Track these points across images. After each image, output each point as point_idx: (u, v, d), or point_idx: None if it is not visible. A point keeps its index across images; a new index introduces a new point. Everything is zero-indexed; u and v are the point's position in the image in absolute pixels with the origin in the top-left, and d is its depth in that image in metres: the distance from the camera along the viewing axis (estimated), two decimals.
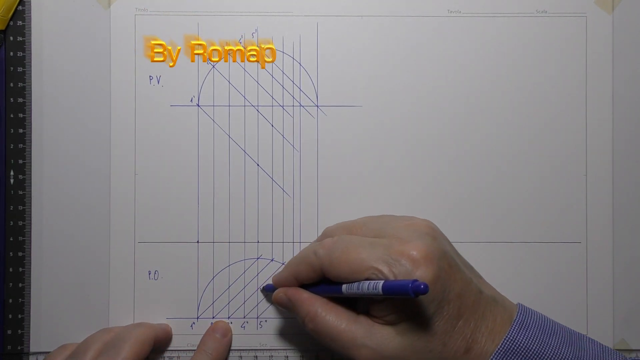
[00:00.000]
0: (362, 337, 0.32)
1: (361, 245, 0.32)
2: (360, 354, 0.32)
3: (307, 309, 0.34)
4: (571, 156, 0.39)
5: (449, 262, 0.32)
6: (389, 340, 0.31)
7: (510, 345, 0.31)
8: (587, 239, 0.39)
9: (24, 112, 0.39)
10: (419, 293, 0.28)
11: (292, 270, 0.36)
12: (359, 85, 0.39)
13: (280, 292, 0.36)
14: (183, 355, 0.39)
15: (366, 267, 0.31)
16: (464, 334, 0.31)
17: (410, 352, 0.31)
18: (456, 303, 0.31)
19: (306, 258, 0.34)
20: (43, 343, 0.39)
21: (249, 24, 0.39)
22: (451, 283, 0.31)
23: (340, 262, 0.32)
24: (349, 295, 0.32)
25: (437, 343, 0.31)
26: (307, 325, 0.34)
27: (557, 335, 0.32)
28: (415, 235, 0.32)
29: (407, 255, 0.31)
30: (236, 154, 0.39)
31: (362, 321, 0.32)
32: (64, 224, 0.39)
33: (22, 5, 0.39)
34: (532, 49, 0.39)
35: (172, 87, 0.39)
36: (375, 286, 0.30)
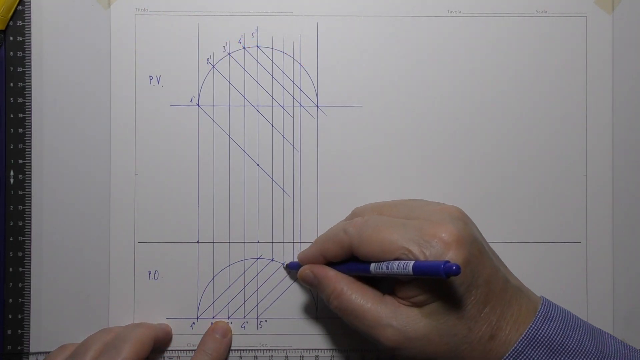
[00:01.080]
0: (388, 317, 0.32)
1: (393, 225, 0.32)
2: (384, 333, 0.32)
3: (333, 286, 0.34)
4: (571, 156, 0.39)
5: (479, 247, 0.32)
6: (414, 321, 0.31)
7: (534, 335, 0.31)
8: (587, 239, 0.39)
9: (24, 112, 0.39)
10: (450, 274, 0.28)
11: (319, 248, 0.35)
12: (359, 85, 0.39)
13: (307, 268, 0.36)
14: (183, 355, 0.39)
15: (397, 247, 0.31)
16: (489, 320, 0.31)
17: (435, 334, 0.31)
18: (484, 289, 0.31)
19: (335, 236, 0.34)
20: (43, 343, 0.39)
21: (249, 24, 0.39)
22: (480, 269, 0.31)
23: (371, 240, 0.32)
24: (376, 274, 0.32)
25: (462, 327, 0.31)
26: (332, 303, 0.34)
27: (580, 329, 0.32)
28: (448, 219, 0.32)
29: (438, 238, 0.30)
30: (236, 154, 0.39)
31: (388, 301, 0.32)
32: (64, 224, 0.39)
33: (22, 5, 0.39)
34: (532, 49, 0.39)
35: (172, 87, 0.39)
36: (405, 266, 0.30)
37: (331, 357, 0.39)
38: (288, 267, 0.39)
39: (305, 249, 0.37)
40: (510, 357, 0.31)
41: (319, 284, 0.35)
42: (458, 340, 0.31)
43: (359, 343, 0.39)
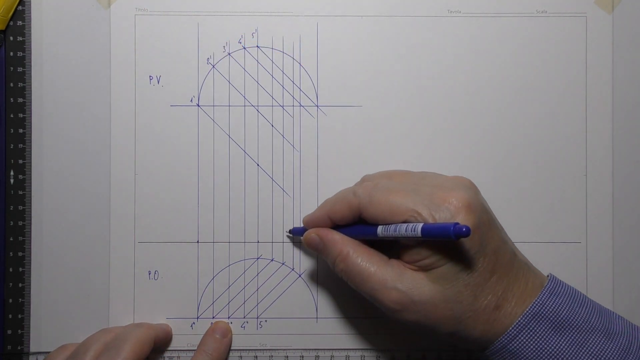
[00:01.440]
0: (393, 280, 0.32)
1: (403, 189, 0.32)
2: (389, 296, 0.32)
3: (339, 249, 0.34)
4: (571, 156, 0.39)
5: (488, 217, 0.32)
6: (420, 285, 0.31)
7: (539, 309, 0.31)
8: (587, 239, 0.39)
9: (24, 112, 0.39)
10: (460, 235, 0.28)
11: (327, 209, 0.35)
12: (359, 85, 0.39)
13: (312, 232, 0.35)
14: (183, 355, 0.39)
15: (406, 209, 0.31)
16: (495, 290, 0.31)
17: (441, 299, 0.31)
18: (492, 258, 0.31)
19: (344, 197, 0.34)
20: (43, 343, 0.39)
21: (249, 24, 0.39)
22: (489, 238, 0.31)
23: (380, 203, 0.32)
24: (384, 237, 0.32)
25: (468, 294, 0.31)
26: (338, 266, 0.34)
27: (587, 306, 0.32)
28: (459, 187, 0.32)
29: (449, 202, 0.30)
30: (236, 154, 0.39)
31: (394, 265, 0.32)
32: (64, 224, 0.39)
33: (22, 5, 0.39)
34: (532, 49, 0.39)
35: (172, 87, 0.39)
36: (414, 228, 0.30)
37: (331, 357, 0.39)
38: (291, 233, 0.39)
39: (312, 212, 0.37)
40: (515, 329, 0.31)
41: (324, 248, 0.35)
42: (463, 307, 0.31)
43: (359, 343, 0.39)
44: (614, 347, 0.31)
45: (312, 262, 0.39)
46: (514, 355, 0.31)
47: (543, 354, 0.31)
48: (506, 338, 0.31)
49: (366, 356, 0.39)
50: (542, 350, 0.31)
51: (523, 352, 0.31)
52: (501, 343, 0.31)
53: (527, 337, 0.31)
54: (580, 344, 0.31)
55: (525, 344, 0.31)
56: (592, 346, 0.31)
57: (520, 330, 0.31)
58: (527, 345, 0.31)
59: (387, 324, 0.39)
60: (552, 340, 0.31)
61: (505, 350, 0.31)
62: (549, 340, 0.31)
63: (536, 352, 0.31)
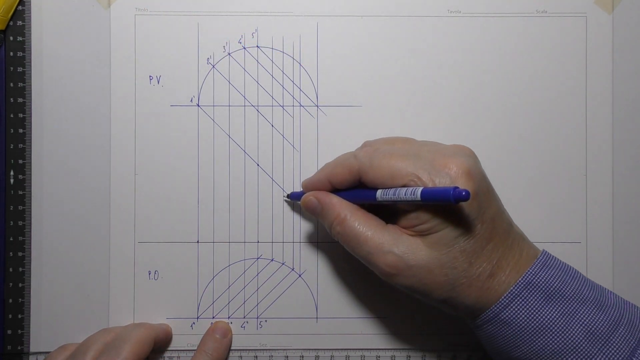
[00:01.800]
0: (389, 244, 0.32)
1: (404, 154, 0.32)
2: (385, 259, 0.32)
3: (337, 212, 0.34)
4: (571, 156, 0.39)
5: (487, 185, 0.32)
6: (416, 250, 0.31)
7: (532, 278, 0.31)
8: (587, 239, 0.39)
9: (24, 112, 0.39)
10: (460, 199, 0.28)
11: (327, 173, 0.35)
12: (358, 85, 0.39)
13: (310, 195, 0.35)
14: (183, 355, 0.39)
15: (406, 173, 0.31)
16: (490, 258, 0.31)
17: (436, 264, 0.31)
18: (489, 226, 0.31)
19: (345, 160, 0.34)
20: (43, 343, 0.39)
21: (249, 24, 0.39)
22: (487, 206, 0.31)
23: (381, 166, 0.32)
24: (382, 201, 0.32)
25: (463, 260, 0.31)
26: (335, 229, 0.34)
27: (579, 279, 0.32)
28: (460, 154, 0.32)
29: (449, 168, 0.31)
30: (236, 154, 0.39)
31: (391, 229, 0.32)
32: (64, 224, 0.39)
33: (22, 5, 0.39)
34: (532, 49, 0.39)
35: (172, 87, 0.39)
36: (413, 192, 0.30)
37: (331, 357, 0.39)
38: (290, 197, 0.39)
39: (311, 176, 0.37)
40: (507, 298, 0.31)
41: (321, 211, 0.35)
42: (457, 273, 0.31)
43: (359, 343, 0.39)
44: (605, 318, 0.31)
45: (312, 262, 0.39)
46: (505, 324, 0.31)
47: (534, 323, 0.31)
48: (498, 307, 0.31)
49: (366, 356, 0.39)
50: (534, 320, 0.31)
51: (515, 321, 0.31)
52: (493, 312, 0.31)
53: (518, 306, 0.31)
54: (572, 314, 0.31)
55: (517, 313, 0.31)
56: (583, 316, 0.31)
57: (512, 299, 0.31)
58: (519, 314, 0.31)
59: (387, 324, 0.39)
60: (543, 310, 0.31)
61: (497, 318, 0.31)
62: (541, 309, 0.31)
63: (528, 321, 0.31)
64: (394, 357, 0.39)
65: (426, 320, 0.39)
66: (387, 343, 0.39)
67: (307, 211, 0.36)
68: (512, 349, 0.32)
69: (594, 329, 0.31)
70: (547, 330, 0.31)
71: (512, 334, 0.31)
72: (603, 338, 0.31)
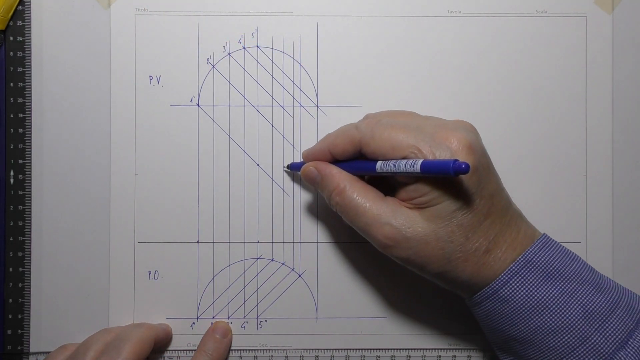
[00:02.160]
0: (387, 216, 0.32)
1: (406, 126, 0.32)
2: (382, 231, 0.32)
3: (336, 183, 0.34)
4: (571, 156, 0.39)
5: (487, 161, 0.32)
6: (413, 222, 0.31)
7: (532, 258, 0.31)
8: (587, 239, 0.39)
9: (24, 112, 0.39)
10: (459, 172, 0.28)
11: (328, 143, 0.35)
12: (359, 85, 0.39)
13: (310, 165, 0.35)
14: (183, 355, 0.39)
15: (407, 145, 0.31)
16: (487, 233, 0.31)
17: (433, 237, 0.31)
18: (487, 201, 0.31)
19: (347, 131, 0.34)
20: (43, 343, 0.39)
21: (249, 24, 0.39)
22: (486, 182, 0.31)
23: (382, 137, 0.32)
24: (382, 172, 0.32)
25: (460, 235, 0.31)
26: (333, 199, 0.34)
27: (578, 262, 0.32)
28: (461, 128, 0.32)
29: (450, 142, 0.31)
30: (236, 154, 0.39)
31: (389, 201, 0.33)
32: (64, 224, 0.39)
33: (22, 5, 0.39)
34: (532, 49, 0.39)
35: (172, 87, 0.39)
36: (413, 164, 0.30)
37: (331, 357, 0.39)
38: (289, 168, 0.39)
39: (312, 146, 0.37)
40: (506, 275, 0.31)
41: (321, 181, 0.35)
42: (454, 247, 0.31)
43: (359, 343, 0.39)
44: (603, 300, 0.31)
45: (312, 262, 0.39)
46: (503, 301, 0.31)
47: (533, 301, 0.31)
48: (497, 283, 0.31)
49: (366, 356, 0.39)
50: (532, 298, 0.31)
51: (513, 299, 0.31)
52: (492, 288, 0.31)
53: (518, 283, 0.31)
54: (570, 293, 0.31)
55: (516, 291, 0.31)
56: (581, 297, 0.31)
57: (512, 276, 0.31)
58: (518, 291, 0.31)
59: (387, 324, 0.39)
60: (542, 289, 0.31)
61: (496, 295, 0.32)
62: (540, 288, 0.31)
63: (526, 299, 0.31)
64: (394, 357, 0.39)
65: (426, 320, 0.39)
66: (387, 343, 0.39)
67: (306, 181, 0.36)
68: (509, 328, 0.32)
69: (591, 309, 0.31)
70: (545, 309, 0.31)
71: (509, 312, 0.32)
72: (600, 319, 0.31)
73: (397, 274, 0.39)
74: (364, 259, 0.39)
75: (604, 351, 0.30)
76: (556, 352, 0.31)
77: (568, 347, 0.31)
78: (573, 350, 0.31)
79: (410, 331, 0.39)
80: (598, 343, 0.30)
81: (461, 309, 0.39)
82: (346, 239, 0.39)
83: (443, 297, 0.39)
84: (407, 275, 0.39)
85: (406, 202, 0.32)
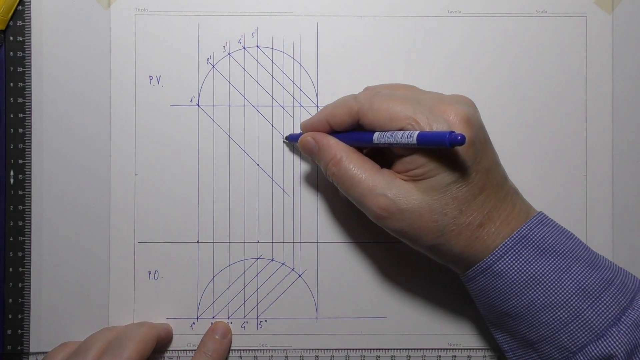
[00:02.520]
0: (382, 187, 0.32)
1: (404, 98, 0.32)
2: (377, 202, 0.32)
3: (333, 153, 0.34)
4: (571, 156, 0.39)
5: (484, 136, 0.32)
6: (408, 194, 0.32)
7: (527, 233, 0.31)
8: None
9: (24, 112, 0.39)
10: (455, 143, 0.28)
11: (326, 114, 0.35)
12: (358, 85, 0.39)
13: (308, 135, 0.36)
14: (183, 355, 0.39)
15: (405, 117, 0.31)
16: (481, 208, 0.31)
17: (427, 209, 0.31)
18: (483, 175, 0.31)
19: (345, 102, 0.34)
20: (43, 343, 0.39)
21: (249, 24, 0.39)
22: (482, 156, 0.32)
23: (381, 108, 0.32)
24: (379, 144, 0.32)
25: (454, 207, 0.31)
26: (330, 170, 0.34)
27: (574, 239, 0.33)
28: (459, 102, 0.32)
29: (447, 115, 0.31)
30: (236, 154, 0.39)
31: (385, 173, 0.33)
32: (64, 224, 0.39)
33: (22, 5, 0.39)
34: (532, 49, 0.39)
35: (172, 87, 0.39)
36: (410, 135, 0.30)
37: (331, 357, 0.39)
38: (288, 139, 0.39)
39: (311, 117, 0.37)
40: (501, 250, 0.31)
41: (318, 151, 0.35)
42: (447, 220, 0.31)
43: (359, 343, 0.39)
44: (597, 277, 0.31)
45: (312, 262, 0.39)
46: (498, 276, 0.32)
47: (526, 276, 0.31)
48: (492, 258, 0.31)
49: (366, 356, 0.39)
50: (526, 273, 0.31)
51: (507, 273, 0.31)
52: (486, 263, 0.32)
53: (512, 258, 0.31)
54: (564, 270, 0.31)
55: (510, 266, 0.31)
56: (575, 273, 0.31)
57: (506, 251, 0.31)
58: (512, 267, 0.31)
59: (387, 324, 0.39)
60: (536, 264, 0.31)
61: (490, 270, 0.32)
62: (534, 264, 0.31)
63: (520, 274, 0.31)
64: (394, 357, 0.39)
65: (426, 320, 0.39)
66: (387, 343, 0.39)
67: (304, 152, 0.36)
68: (503, 303, 0.32)
69: (585, 285, 0.31)
70: (539, 284, 0.31)
71: (503, 287, 0.32)
72: (594, 295, 0.31)
73: (397, 274, 0.39)
74: (364, 259, 0.39)
75: (596, 327, 0.31)
76: (549, 327, 0.31)
77: (561, 322, 0.31)
78: (565, 326, 0.31)
79: (410, 331, 0.39)
80: (591, 319, 0.31)
81: (461, 309, 0.39)
82: (346, 239, 0.39)
83: (443, 298, 0.39)
84: (407, 276, 0.39)
85: (402, 174, 0.32)
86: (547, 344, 0.32)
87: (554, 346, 0.32)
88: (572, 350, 0.31)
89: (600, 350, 0.30)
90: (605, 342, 0.30)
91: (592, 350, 0.31)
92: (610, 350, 0.30)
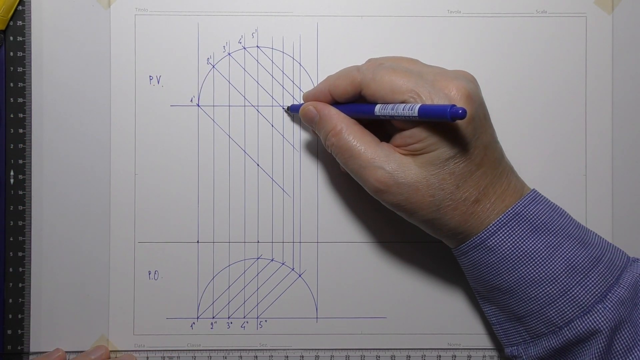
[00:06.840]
0: (381, 160, 0.32)
1: (407, 71, 0.32)
2: (375, 174, 0.32)
3: (333, 123, 0.34)
4: (571, 156, 0.39)
5: (484, 113, 0.33)
6: (406, 168, 0.32)
7: (521, 210, 0.32)
8: None
9: (24, 112, 0.39)
10: (456, 117, 0.28)
11: (329, 84, 0.35)
12: None
13: (310, 104, 0.36)
14: (183, 355, 0.39)
15: (407, 89, 0.31)
16: (478, 184, 0.32)
17: (424, 184, 0.32)
18: (481, 152, 0.32)
19: (348, 73, 0.34)
20: (43, 343, 0.39)
21: (249, 24, 0.39)
22: (482, 132, 0.32)
23: (383, 80, 0.32)
24: (380, 116, 0.32)
25: (451, 182, 0.31)
26: (330, 140, 0.34)
27: (566, 217, 0.33)
28: (462, 78, 0.32)
29: (449, 89, 0.31)
30: (236, 154, 0.39)
31: (384, 146, 0.33)
32: (64, 224, 0.39)
33: (22, 5, 0.39)
34: (532, 49, 0.39)
35: (172, 87, 0.39)
36: (411, 108, 0.30)
37: (331, 357, 0.39)
38: (289, 110, 0.39)
39: (313, 87, 0.37)
40: (495, 226, 0.32)
41: (319, 121, 0.35)
42: (444, 195, 0.32)
43: (359, 343, 0.39)
44: (586, 255, 0.32)
45: (312, 262, 0.39)
46: (490, 250, 0.32)
47: (519, 252, 0.32)
48: (486, 233, 0.32)
49: (366, 356, 0.39)
50: (519, 249, 0.32)
51: (499, 249, 0.32)
52: (480, 238, 0.32)
53: (505, 234, 0.32)
54: (555, 247, 0.32)
55: (503, 241, 0.32)
56: (565, 251, 0.32)
57: (500, 227, 0.32)
58: (505, 242, 0.32)
59: (387, 324, 0.39)
60: (529, 241, 0.32)
61: (484, 245, 0.32)
62: (526, 240, 0.32)
63: (512, 250, 0.32)
64: (394, 357, 0.39)
65: (426, 320, 0.39)
66: (387, 343, 0.39)
67: (305, 121, 0.36)
68: (494, 277, 0.33)
69: (574, 263, 0.32)
70: (530, 260, 0.32)
71: (495, 261, 0.32)
72: (582, 272, 0.32)
73: (397, 274, 0.39)
74: (364, 259, 0.39)
75: (583, 303, 0.32)
76: (537, 302, 0.32)
77: (549, 298, 0.32)
78: (554, 301, 0.32)
79: (410, 331, 0.39)
80: (578, 295, 0.32)
81: (461, 309, 0.39)
82: (346, 239, 0.39)
83: (443, 298, 0.39)
84: (407, 275, 0.39)
85: (401, 148, 0.32)
86: (535, 318, 0.33)
87: (541, 320, 0.32)
88: (559, 325, 0.32)
89: (586, 325, 0.31)
90: (591, 318, 0.31)
91: (578, 325, 0.32)
92: (596, 325, 0.31)
